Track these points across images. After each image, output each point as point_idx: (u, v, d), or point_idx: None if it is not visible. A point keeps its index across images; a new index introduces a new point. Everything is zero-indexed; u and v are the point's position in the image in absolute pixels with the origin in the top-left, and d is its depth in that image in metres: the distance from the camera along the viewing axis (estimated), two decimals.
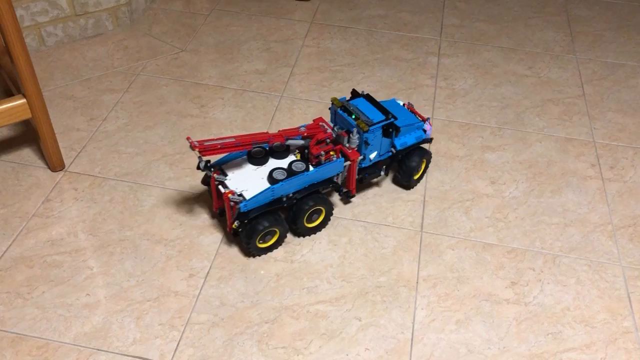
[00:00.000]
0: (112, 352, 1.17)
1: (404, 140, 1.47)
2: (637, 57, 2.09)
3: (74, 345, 1.18)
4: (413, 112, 1.53)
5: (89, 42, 2.01)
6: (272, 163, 1.38)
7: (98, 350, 1.17)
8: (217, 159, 1.38)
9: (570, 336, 1.24)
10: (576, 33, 2.21)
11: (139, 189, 1.51)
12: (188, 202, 1.48)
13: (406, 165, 1.48)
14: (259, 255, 1.36)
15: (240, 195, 1.28)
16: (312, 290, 1.30)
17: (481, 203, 1.52)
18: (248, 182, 1.32)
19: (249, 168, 1.36)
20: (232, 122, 1.72)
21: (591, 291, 1.33)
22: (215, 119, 1.73)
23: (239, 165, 1.37)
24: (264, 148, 1.39)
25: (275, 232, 1.33)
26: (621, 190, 1.58)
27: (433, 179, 1.58)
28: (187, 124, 1.71)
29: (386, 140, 1.44)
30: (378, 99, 1.83)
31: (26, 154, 1.59)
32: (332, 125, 1.44)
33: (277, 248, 1.37)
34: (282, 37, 2.10)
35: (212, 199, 1.43)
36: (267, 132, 1.33)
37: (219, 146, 1.25)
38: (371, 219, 1.46)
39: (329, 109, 1.47)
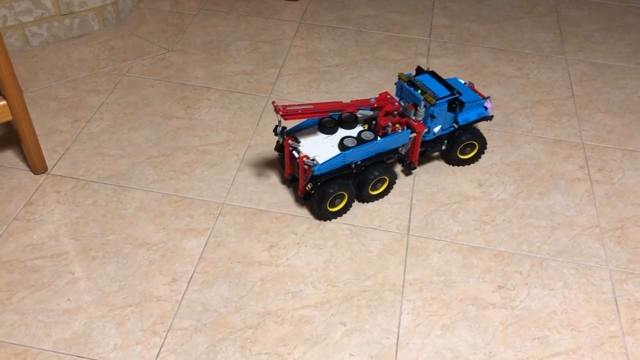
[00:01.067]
0: (93, 359, 1.15)
1: (466, 116, 1.52)
2: (627, 58, 2.08)
3: (54, 351, 1.16)
4: (474, 90, 1.56)
5: (74, 43, 1.99)
6: (342, 132, 1.46)
7: (78, 356, 1.15)
8: (290, 127, 1.44)
9: (556, 341, 1.23)
10: (566, 34, 2.20)
11: (123, 192, 1.49)
12: (172, 205, 1.46)
13: (456, 138, 1.53)
14: (329, 220, 1.44)
15: (314, 159, 1.35)
16: (297, 295, 1.28)
17: (468, 206, 1.50)
18: (320, 148, 1.41)
19: (320, 136, 1.44)
20: (219, 123, 1.71)
21: (578, 295, 1.32)
22: (201, 121, 1.71)
23: (310, 133, 1.45)
24: (333, 118, 1.46)
25: (344, 196, 1.42)
26: (609, 192, 1.57)
27: (420, 181, 1.56)
28: (172, 126, 1.69)
29: (450, 115, 1.50)
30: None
31: (8, 156, 1.56)
32: (397, 99, 1.50)
33: (345, 213, 1.45)
34: (270, 37, 2.08)
35: (283, 167, 1.49)
36: (341, 102, 1.40)
37: (300, 111, 1.34)
38: (357, 221, 1.45)
39: (395, 84, 1.52)
